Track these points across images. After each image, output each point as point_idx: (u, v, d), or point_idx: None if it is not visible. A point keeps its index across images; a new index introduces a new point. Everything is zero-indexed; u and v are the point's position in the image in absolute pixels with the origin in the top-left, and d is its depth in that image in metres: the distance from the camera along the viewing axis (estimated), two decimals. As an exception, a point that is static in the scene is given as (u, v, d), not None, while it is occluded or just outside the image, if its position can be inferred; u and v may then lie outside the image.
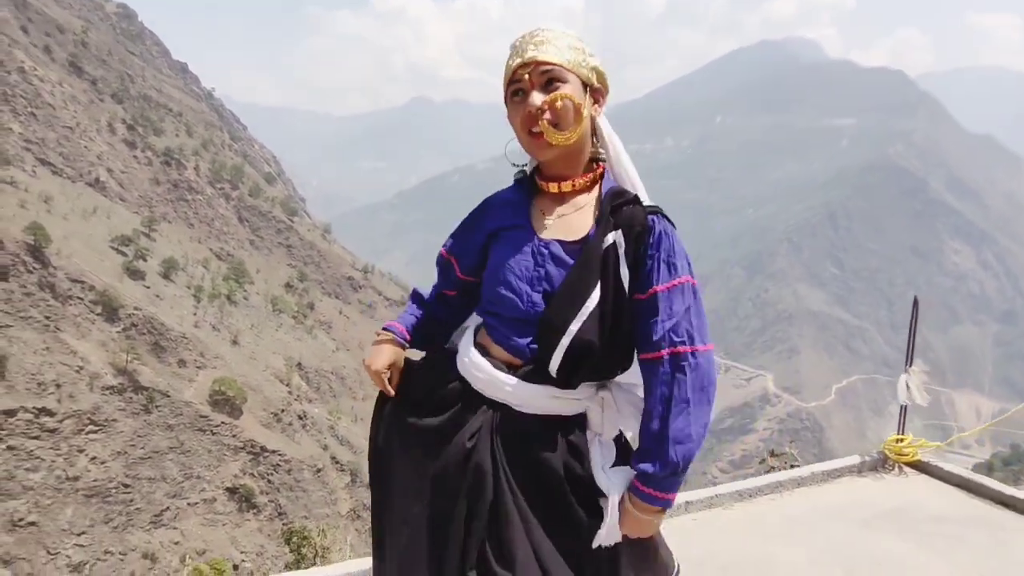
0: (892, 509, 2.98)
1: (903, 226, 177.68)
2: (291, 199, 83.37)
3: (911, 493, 3.18)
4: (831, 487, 3.25)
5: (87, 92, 63.15)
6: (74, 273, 37.47)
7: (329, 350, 58.55)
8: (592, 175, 1.32)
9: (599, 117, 1.31)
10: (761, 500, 3.06)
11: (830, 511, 2.97)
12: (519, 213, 1.34)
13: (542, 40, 1.23)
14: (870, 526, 2.83)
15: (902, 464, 3.41)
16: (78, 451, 31.70)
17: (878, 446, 3.53)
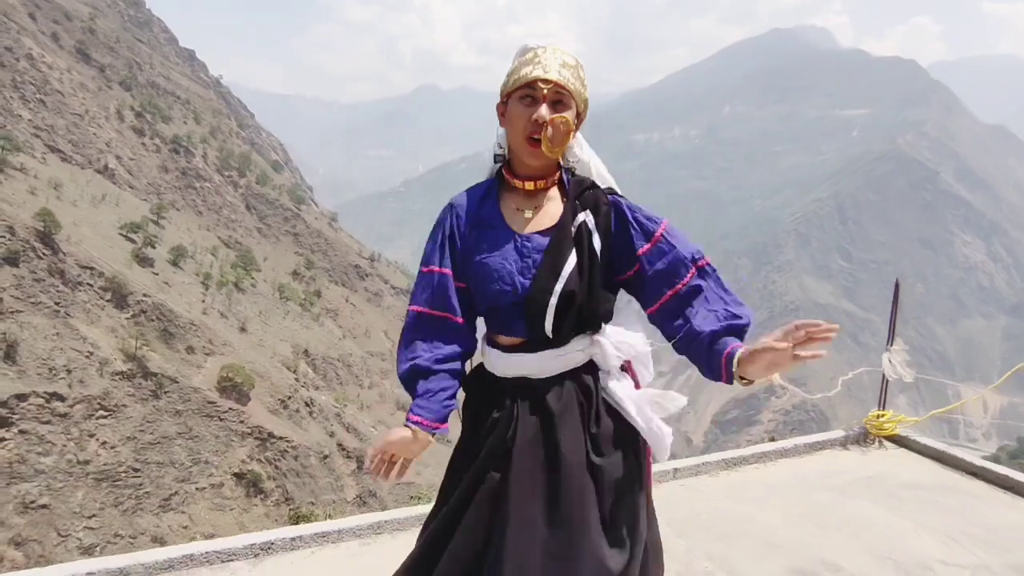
0: (868, 477, 3.14)
1: (912, 217, 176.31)
2: (298, 187, 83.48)
3: (888, 464, 3.34)
4: (813, 458, 3.41)
5: (95, 79, 63.25)
6: (84, 259, 37.69)
7: (336, 338, 58.83)
8: (556, 176, 1.51)
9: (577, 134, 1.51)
10: (746, 469, 3.22)
11: (810, 479, 3.11)
12: (492, 214, 1.50)
13: (564, 64, 1.41)
14: (846, 492, 2.98)
15: (882, 438, 3.58)
16: (88, 435, 32.04)
17: (860, 421, 3.71)
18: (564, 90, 1.39)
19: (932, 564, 2.39)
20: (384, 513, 2.58)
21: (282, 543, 2.37)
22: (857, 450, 3.52)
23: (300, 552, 2.37)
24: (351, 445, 43.39)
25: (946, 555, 2.46)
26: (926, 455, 3.42)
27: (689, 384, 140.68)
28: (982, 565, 2.40)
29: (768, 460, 3.31)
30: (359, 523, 2.50)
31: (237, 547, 2.34)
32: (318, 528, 2.45)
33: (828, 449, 3.52)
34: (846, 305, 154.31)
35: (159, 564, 2.21)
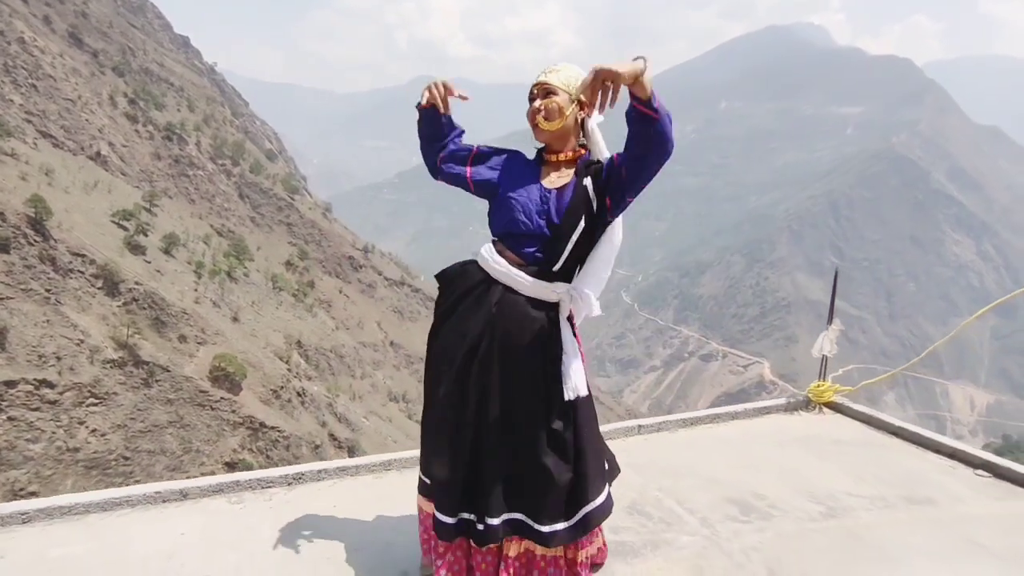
0: (804, 435, 3.65)
1: (904, 216, 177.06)
2: (292, 177, 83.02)
3: (824, 425, 3.87)
4: (760, 420, 3.91)
5: (88, 64, 62.61)
6: (75, 247, 37.45)
7: (329, 328, 58.73)
8: (575, 154, 2.03)
9: (590, 119, 2.05)
10: (701, 427, 3.73)
11: (754, 436, 3.62)
12: (533, 170, 2.06)
13: (551, 70, 2.01)
14: (781, 444, 3.49)
15: (821, 404, 4.07)
16: (78, 423, 31.96)
17: (804, 390, 4.19)
18: (547, 85, 1.97)
19: (839, 495, 2.89)
20: (394, 454, 3.06)
21: (311, 474, 2.85)
22: (799, 414, 4.03)
23: (325, 482, 2.86)
24: (343, 435, 43.43)
25: (853, 489, 2.95)
26: (857, 419, 3.93)
27: (681, 378, 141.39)
28: (879, 496, 2.89)
29: (721, 421, 3.82)
30: (372, 461, 3.01)
31: (275, 476, 2.81)
32: (339, 464, 2.96)
33: (774, 413, 4.02)
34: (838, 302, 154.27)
35: (211, 487, 2.67)
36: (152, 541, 2.28)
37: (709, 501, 2.74)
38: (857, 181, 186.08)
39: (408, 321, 75.67)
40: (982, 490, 2.96)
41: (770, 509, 2.68)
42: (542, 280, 1.94)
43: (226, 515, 2.48)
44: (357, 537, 2.35)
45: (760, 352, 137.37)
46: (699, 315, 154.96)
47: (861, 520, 2.63)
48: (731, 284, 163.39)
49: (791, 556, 2.33)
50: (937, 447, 3.39)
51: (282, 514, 2.50)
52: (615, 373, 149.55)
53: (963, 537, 2.50)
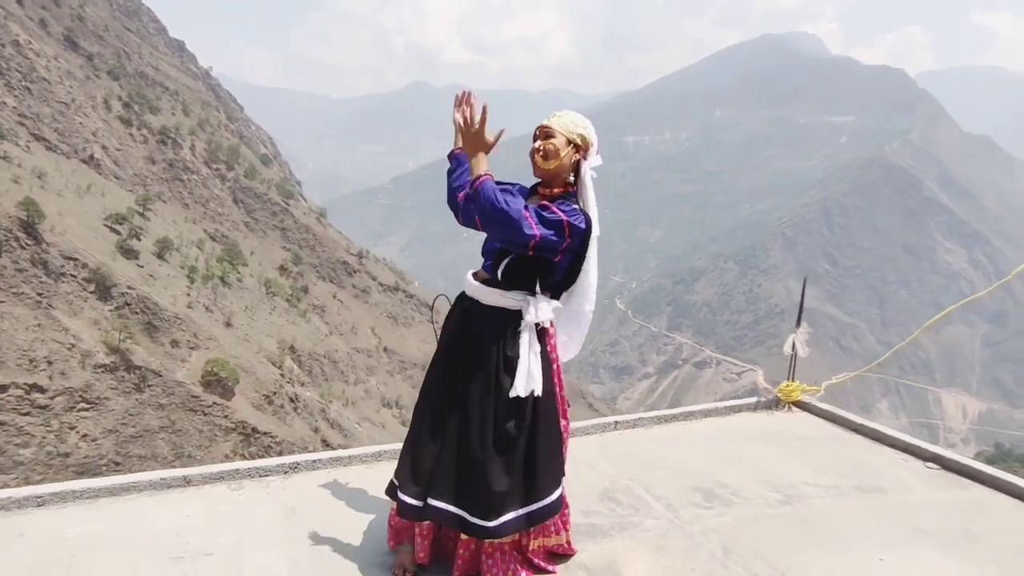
0: (771, 432, 3.86)
1: (897, 224, 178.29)
2: (287, 181, 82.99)
3: (790, 423, 4.08)
4: (731, 418, 4.11)
5: (83, 68, 62.58)
6: (67, 250, 37.28)
7: (322, 334, 58.63)
8: (562, 190, 2.28)
9: (584, 162, 2.28)
10: (675, 424, 3.94)
11: (724, 431, 3.84)
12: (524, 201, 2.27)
13: (554, 115, 2.28)
14: (749, 439, 3.69)
15: (789, 403, 4.27)
16: (69, 428, 31.77)
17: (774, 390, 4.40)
18: (548, 128, 2.24)
19: (797, 484, 3.10)
20: (384, 445, 3.26)
21: (306, 464, 3.08)
22: (768, 413, 4.24)
23: (320, 472, 3.07)
24: (336, 441, 43.29)
25: (811, 479, 3.16)
26: (822, 417, 4.15)
27: (675, 385, 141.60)
28: (834, 486, 3.10)
29: (694, 418, 4.03)
30: (364, 452, 3.22)
31: (272, 465, 3.04)
32: (333, 454, 3.18)
33: (745, 412, 4.22)
34: (831, 310, 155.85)
35: (214, 475, 2.87)
36: (160, 521, 2.48)
37: (676, 489, 2.96)
38: (850, 189, 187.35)
39: (402, 327, 75.64)
40: (930, 480, 3.18)
41: (732, 497, 2.90)
42: (495, 288, 2.21)
43: (227, 500, 2.68)
44: (348, 518, 2.56)
45: (754, 359, 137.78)
46: (693, 322, 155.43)
47: (814, 506, 2.85)
48: (725, 291, 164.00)
49: (746, 537, 2.54)
50: (892, 442, 3.62)
51: (279, 499, 2.71)
52: (609, 380, 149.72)
53: (907, 522, 2.72)
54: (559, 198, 2.23)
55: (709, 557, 2.41)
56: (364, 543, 2.41)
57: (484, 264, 2.29)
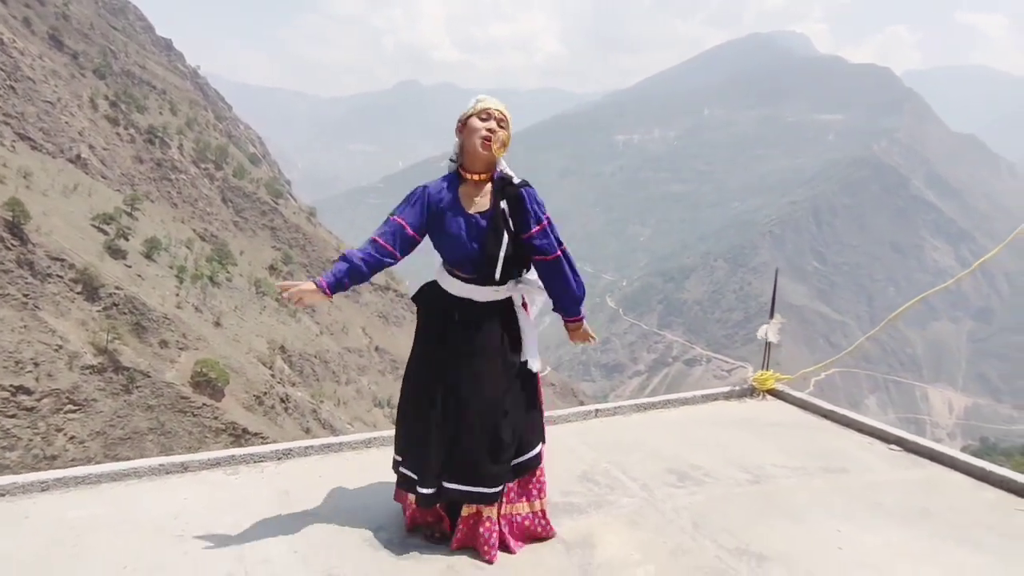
0: (745, 418, 4.02)
1: (885, 222, 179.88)
2: (276, 181, 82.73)
3: (763, 410, 4.23)
4: (706, 406, 4.27)
5: (68, 66, 62.09)
6: (54, 251, 37.04)
7: (313, 334, 58.54)
8: (491, 175, 2.42)
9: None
10: (652, 412, 4.09)
11: (700, 418, 3.99)
12: (452, 199, 2.42)
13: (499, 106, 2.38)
14: (724, 427, 3.84)
15: (763, 392, 4.42)
16: (56, 430, 31.57)
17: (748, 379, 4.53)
18: (504, 117, 2.37)
19: (766, 466, 3.26)
20: (375, 432, 3.41)
21: (298, 450, 3.21)
22: (742, 401, 4.39)
23: (311, 458, 3.20)
24: (327, 441, 43.23)
25: (779, 462, 3.32)
26: (795, 404, 4.30)
27: (666, 383, 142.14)
28: (801, 467, 3.26)
29: (671, 406, 4.18)
30: (354, 439, 3.35)
31: (266, 452, 3.15)
32: (324, 441, 3.29)
33: (720, 400, 4.38)
34: (820, 307, 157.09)
35: (210, 461, 3.00)
36: (159, 504, 2.61)
37: (651, 471, 3.12)
38: (839, 187, 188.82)
39: (393, 326, 75.63)
40: (892, 461, 3.36)
41: (704, 477, 3.06)
42: (488, 287, 2.38)
43: (223, 485, 2.81)
44: (339, 501, 2.70)
45: (744, 357, 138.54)
46: (683, 320, 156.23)
47: (781, 485, 3.01)
48: (715, 289, 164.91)
49: (715, 513, 2.70)
50: (860, 427, 3.79)
51: (274, 483, 2.85)
52: (600, 378, 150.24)
53: (867, 499, 2.89)
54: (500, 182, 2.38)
55: (679, 531, 2.57)
56: (355, 522, 2.55)
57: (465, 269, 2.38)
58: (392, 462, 2.51)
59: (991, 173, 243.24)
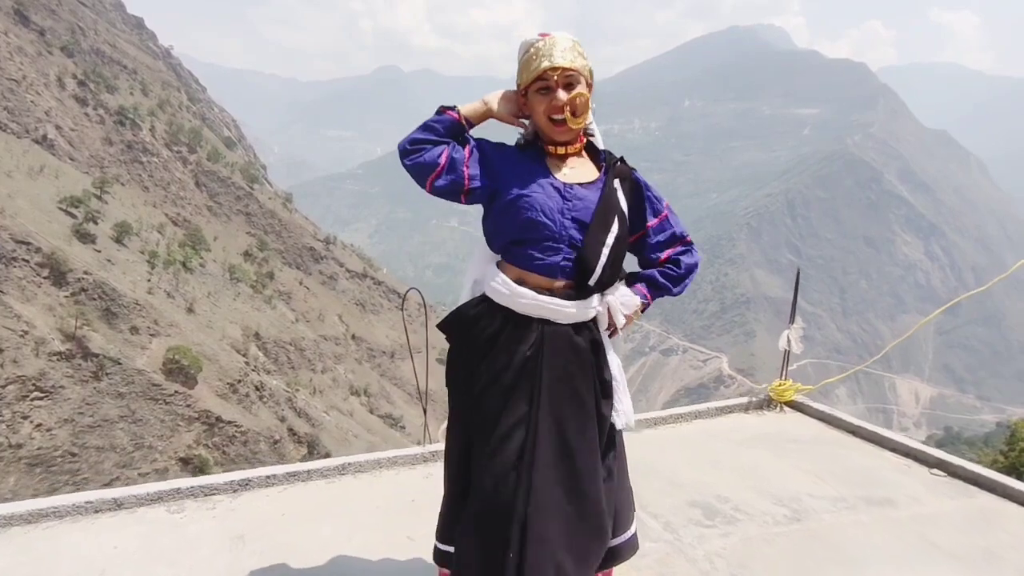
0: (764, 433, 3.68)
1: (857, 216, 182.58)
2: (251, 165, 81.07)
3: (783, 424, 3.89)
4: (722, 419, 3.92)
5: (34, 44, 59.91)
6: (19, 234, 35.89)
7: (288, 321, 57.65)
8: (582, 142, 1.76)
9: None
10: (664, 428, 3.73)
11: (716, 434, 3.63)
12: (538, 163, 1.72)
13: (564, 48, 1.65)
14: (742, 444, 3.49)
15: (782, 403, 4.08)
16: (22, 418, 30.73)
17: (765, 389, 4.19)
18: (572, 71, 1.64)
19: (802, 497, 2.88)
20: (348, 457, 2.86)
21: (258, 480, 2.67)
22: (760, 413, 4.05)
23: (274, 488, 2.67)
24: (302, 430, 42.69)
25: (813, 490, 2.96)
26: (816, 417, 3.96)
27: (642, 372, 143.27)
28: (840, 498, 2.89)
29: (683, 420, 3.81)
30: (326, 465, 2.81)
31: (219, 483, 2.60)
32: (289, 468, 2.75)
33: (736, 412, 4.02)
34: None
35: (150, 496, 2.48)
36: (82, 556, 2.10)
37: (672, 504, 2.70)
38: (813, 181, 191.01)
39: (370, 314, 74.81)
40: (937, 489, 2.99)
41: (734, 512, 2.65)
42: (581, 300, 1.65)
43: (165, 526, 2.31)
44: (306, 546, 2.22)
45: (720, 347, 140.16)
46: (660, 310, 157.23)
47: (824, 522, 2.62)
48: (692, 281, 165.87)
49: (756, 562, 2.29)
50: (893, 446, 3.42)
51: (226, 523, 2.35)
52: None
53: (921, 537, 2.51)
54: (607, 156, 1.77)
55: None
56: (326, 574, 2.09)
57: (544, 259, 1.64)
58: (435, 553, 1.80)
59: (961, 168, 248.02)
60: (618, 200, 1.68)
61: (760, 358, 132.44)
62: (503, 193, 1.67)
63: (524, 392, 1.60)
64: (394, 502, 2.50)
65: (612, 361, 1.73)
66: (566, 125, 1.64)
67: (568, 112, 1.62)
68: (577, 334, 1.66)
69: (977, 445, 47.43)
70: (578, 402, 1.63)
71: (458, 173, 1.67)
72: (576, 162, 1.73)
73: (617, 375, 1.74)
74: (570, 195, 1.66)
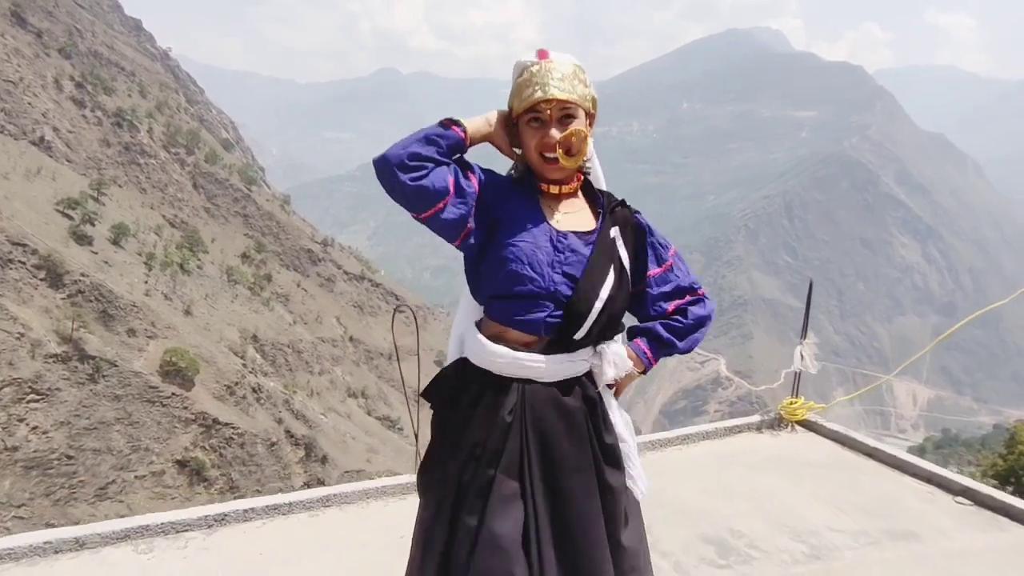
0: (776, 456, 3.55)
1: (854, 218, 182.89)
2: (249, 167, 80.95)
3: (796, 445, 3.74)
4: (732, 440, 3.77)
5: (32, 45, 59.76)
6: (15, 236, 35.74)
7: (286, 323, 57.48)
8: (579, 181, 1.55)
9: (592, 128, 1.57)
10: (670, 450, 3.57)
11: (725, 457, 3.48)
12: (531, 206, 1.50)
13: (562, 76, 1.44)
14: (755, 468, 3.35)
15: (793, 422, 3.94)
16: (18, 420, 30.56)
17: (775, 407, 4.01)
18: (569, 104, 1.42)
19: (820, 530, 2.73)
20: (332, 488, 2.71)
21: (235, 515, 2.49)
22: (771, 433, 3.88)
23: (252, 523, 2.51)
24: (299, 432, 42.53)
25: (832, 522, 2.81)
26: (830, 438, 3.81)
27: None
28: (861, 530, 2.74)
29: (691, 441, 3.65)
30: (309, 496, 2.64)
31: (192, 519, 2.43)
32: (269, 501, 2.57)
33: (745, 432, 3.86)
34: (791, 300, 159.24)
35: (115, 534, 2.28)
36: (36, 606, 1.91)
37: (683, 540, 2.52)
38: (810, 183, 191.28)
39: (368, 316, 74.63)
40: (964, 520, 2.82)
41: (750, 550, 2.48)
42: (561, 354, 1.45)
43: (131, 567, 2.11)
44: (286, 592, 2.04)
45: (717, 349, 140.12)
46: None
47: (846, 560, 2.45)
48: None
49: (775, 608, 2.11)
50: (914, 470, 3.24)
51: (198, 564, 2.16)
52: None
53: (952, 577, 2.33)
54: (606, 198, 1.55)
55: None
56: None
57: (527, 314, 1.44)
58: None
59: (957, 171, 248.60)
60: (617, 251, 1.49)
61: (758, 360, 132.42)
62: (493, 239, 1.46)
63: (513, 463, 1.40)
64: (382, 538, 2.32)
65: (616, 421, 1.52)
66: (558, 164, 1.43)
67: (561, 151, 1.42)
68: (566, 394, 1.44)
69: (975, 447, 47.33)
70: (574, 472, 1.41)
71: (468, 207, 1.45)
72: (572, 205, 1.53)
73: (626, 436, 1.53)
74: (562, 246, 1.45)
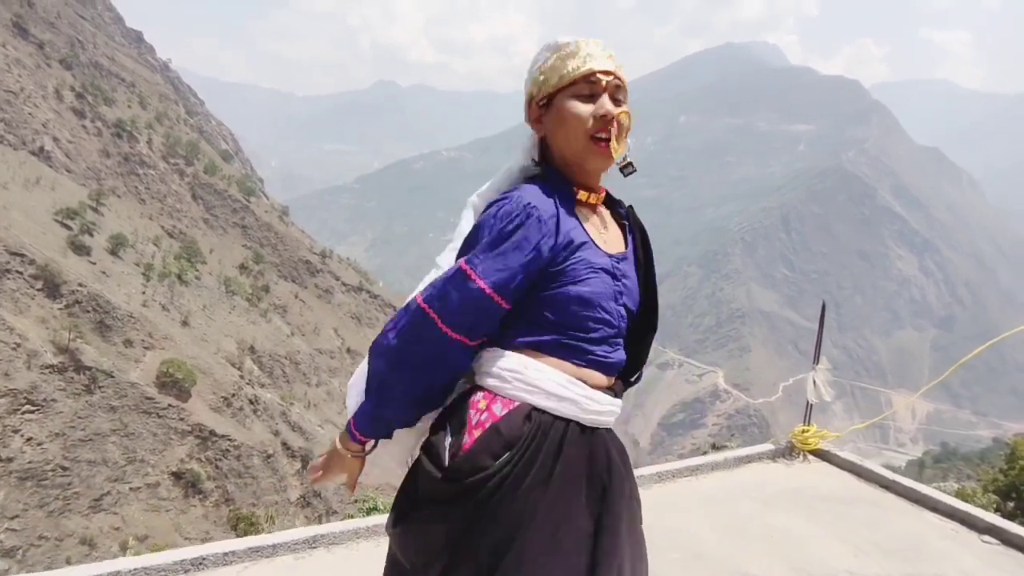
0: (791, 489, 3.41)
1: (852, 231, 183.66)
2: (248, 178, 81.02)
3: (809, 476, 3.62)
4: (742, 471, 3.65)
5: (33, 56, 59.97)
6: (13, 245, 35.67)
7: (284, 334, 57.32)
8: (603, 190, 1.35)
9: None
10: (680, 481, 3.43)
11: (737, 491, 3.34)
12: (577, 228, 1.23)
13: (611, 55, 1.26)
14: (769, 503, 3.22)
15: (806, 452, 3.83)
16: (12, 431, 30.34)
17: (787, 436, 3.93)
18: (622, 81, 1.24)
19: (841, 574, 2.60)
20: (319, 527, 2.57)
21: (214, 558, 2.29)
22: (783, 463, 3.77)
23: (233, 567, 2.31)
24: (296, 444, 42.29)
25: (854, 565, 2.67)
26: (845, 468, 3.70)
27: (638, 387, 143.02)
28: (884, 575, 2.62)
29: (700, 473, 3.52)
30: (294, 537, 2.47)
31: (167, 563, 2.22)
32: (252, 543, 2.38)
33: (756, 462, 3.75)
34: (789, 314, 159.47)
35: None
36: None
37: (697, 588, 2.47)
38: (807, 196, 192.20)
39: (366, 327, 74.47)
40: (993, 563, 2.78)
41: (769, 602, 2.44)
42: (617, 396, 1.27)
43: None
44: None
45: (715, 362, 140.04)
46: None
47: (874, 609, 2.43)
48: (688, 294, 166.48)
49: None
50: (934, 505, 3.23)
51: (168, 618, 2.04)
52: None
53: (985, 624, 2.34)
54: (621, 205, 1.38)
55: None
56: None
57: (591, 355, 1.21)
58: None
59: (953, 185, 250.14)
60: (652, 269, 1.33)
61: (755, 372, 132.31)
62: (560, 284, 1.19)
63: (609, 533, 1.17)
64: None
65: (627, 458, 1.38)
66: (608, 147, 1.22)
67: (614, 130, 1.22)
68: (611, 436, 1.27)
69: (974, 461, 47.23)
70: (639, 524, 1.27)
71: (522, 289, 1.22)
72: (604, 217, 1.32)
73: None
74: (619, 273, 1.25)
